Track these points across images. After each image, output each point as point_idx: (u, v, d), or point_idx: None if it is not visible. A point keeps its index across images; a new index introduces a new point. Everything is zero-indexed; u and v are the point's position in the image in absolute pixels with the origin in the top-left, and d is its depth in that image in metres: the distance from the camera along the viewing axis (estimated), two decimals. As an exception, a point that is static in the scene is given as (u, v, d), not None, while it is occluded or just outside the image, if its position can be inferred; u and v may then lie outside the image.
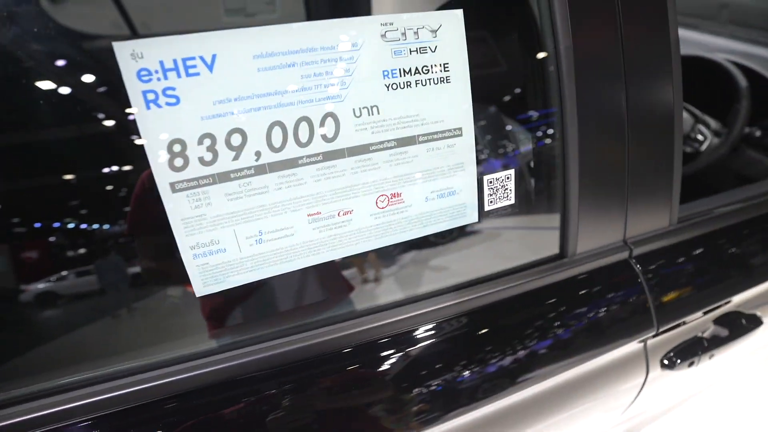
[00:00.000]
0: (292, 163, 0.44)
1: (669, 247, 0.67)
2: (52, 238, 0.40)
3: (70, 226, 0.40)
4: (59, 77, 0.37)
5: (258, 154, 0.42)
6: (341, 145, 0.45)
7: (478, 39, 0.49)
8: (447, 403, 0.51)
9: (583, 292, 0.60)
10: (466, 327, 0.54)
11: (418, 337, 0.52)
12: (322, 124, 0.44)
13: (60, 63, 0.37)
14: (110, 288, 0.43)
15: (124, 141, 0.40)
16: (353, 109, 0.45)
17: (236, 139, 0.42)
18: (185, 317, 0.47)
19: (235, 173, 0.42)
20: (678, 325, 0.68)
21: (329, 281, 0.52)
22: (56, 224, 0.40)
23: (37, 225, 0.40)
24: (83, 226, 0.41)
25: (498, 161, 0.54)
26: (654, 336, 0.66)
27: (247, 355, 0.46)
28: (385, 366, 0.50)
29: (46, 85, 0.37)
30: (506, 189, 0.54)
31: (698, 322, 0.71)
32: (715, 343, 0.71)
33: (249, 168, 0.43)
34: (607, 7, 0.53)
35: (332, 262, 0.49)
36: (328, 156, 0.45)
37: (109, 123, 0.39)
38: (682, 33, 0.86)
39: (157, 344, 0.46)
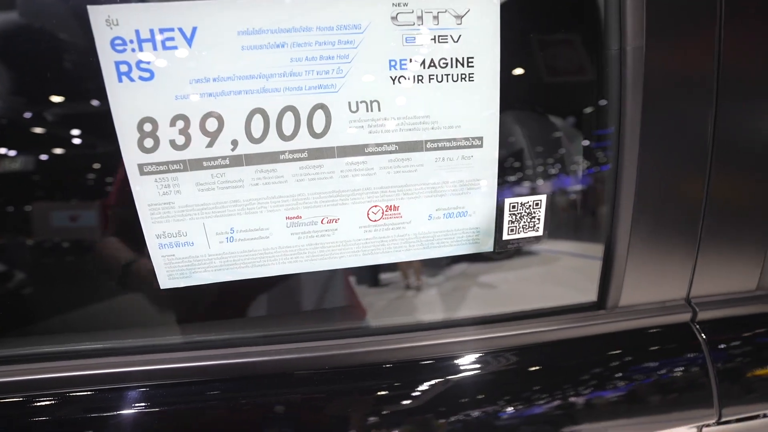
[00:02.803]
0: (272, 158, 0.39)
1: (751, 317, 0.52)
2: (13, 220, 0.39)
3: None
4: (31, 43, 0.35)
5: (234, 143, 0.38)
6: (331, 142, 0.39)
7: (515, 30, 0.40)
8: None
9: (619, 352, 0.48)
10: (466, 371, 0.45)
11: (410, 367, 0.45)
12: (310, 116, 0.38)
13: (32, 27, 0.35)
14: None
15: (92, 115, 0.37)
16: (349, 103, 0.38)
17: (212, 124, 0.37)
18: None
19: (208, 162, 0.38)
20: (752, 417, 0.53)
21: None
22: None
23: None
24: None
25: (528, 182, 0.44)
26: (716, 424, 0.52)
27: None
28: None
29: (12, 48, 0.35)
30: (533, 217, 0.44)
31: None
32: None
33: (224, 158, 0.38)
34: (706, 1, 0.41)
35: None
36: (315, 154, 0.39)
37: (78, 95, 0.37)
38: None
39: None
